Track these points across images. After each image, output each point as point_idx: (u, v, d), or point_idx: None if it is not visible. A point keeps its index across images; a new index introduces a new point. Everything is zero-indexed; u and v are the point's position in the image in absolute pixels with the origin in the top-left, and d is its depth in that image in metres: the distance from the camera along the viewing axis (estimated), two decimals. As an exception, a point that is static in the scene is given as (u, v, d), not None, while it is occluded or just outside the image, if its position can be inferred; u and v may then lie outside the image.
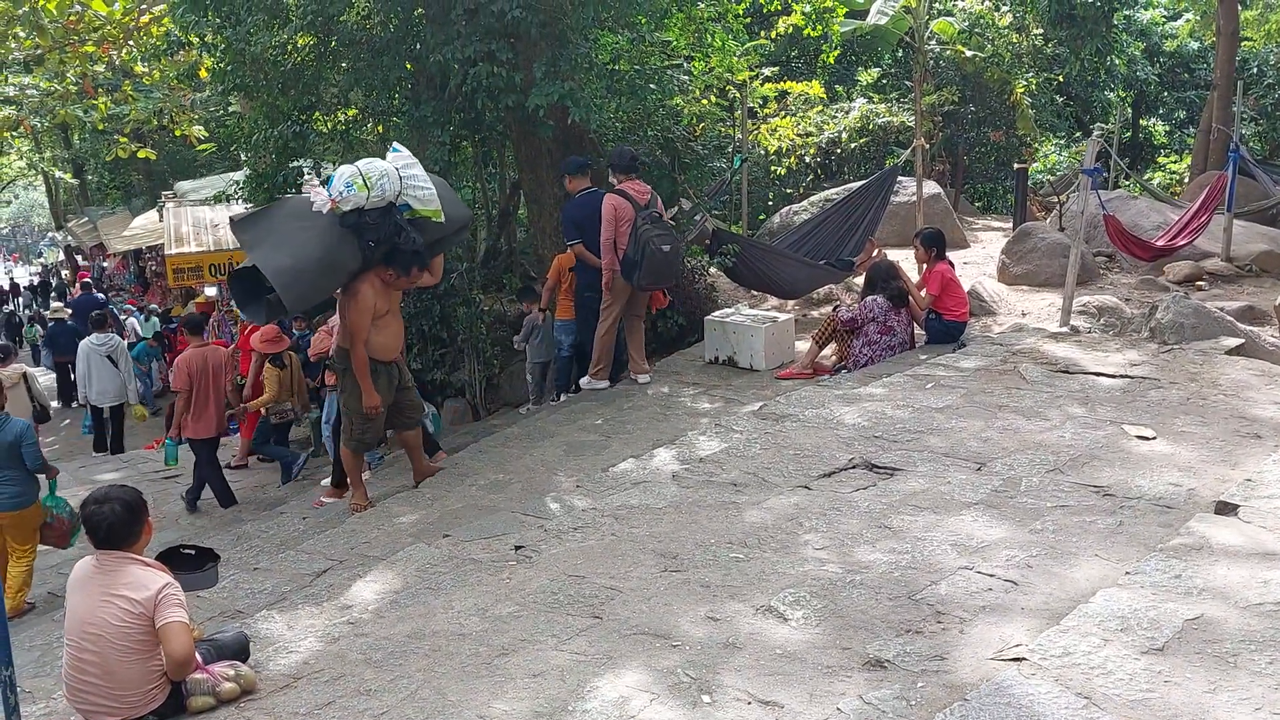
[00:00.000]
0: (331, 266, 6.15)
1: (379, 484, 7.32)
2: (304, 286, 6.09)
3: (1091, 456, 5.39)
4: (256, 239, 6.23)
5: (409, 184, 6.25)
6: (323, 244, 6.08)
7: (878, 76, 21.41)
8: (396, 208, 6.26)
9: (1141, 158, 26.26)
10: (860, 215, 11.23)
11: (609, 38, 9.83)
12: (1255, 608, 3.58)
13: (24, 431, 7.08)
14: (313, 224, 6.13)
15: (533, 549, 4.94)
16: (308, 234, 6.09)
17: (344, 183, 6.10)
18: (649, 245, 7.68)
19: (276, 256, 6.01)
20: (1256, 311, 8.99)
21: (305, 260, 6.02)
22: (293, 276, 5.97)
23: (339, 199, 6.09)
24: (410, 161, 6.38)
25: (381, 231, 6.17)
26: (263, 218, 6.44)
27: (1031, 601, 3.95)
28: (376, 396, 6.39)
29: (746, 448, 6.07)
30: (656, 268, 7.75)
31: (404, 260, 6.32)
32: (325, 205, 6.11)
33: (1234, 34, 17.58)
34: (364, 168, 6.17)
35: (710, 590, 4.31)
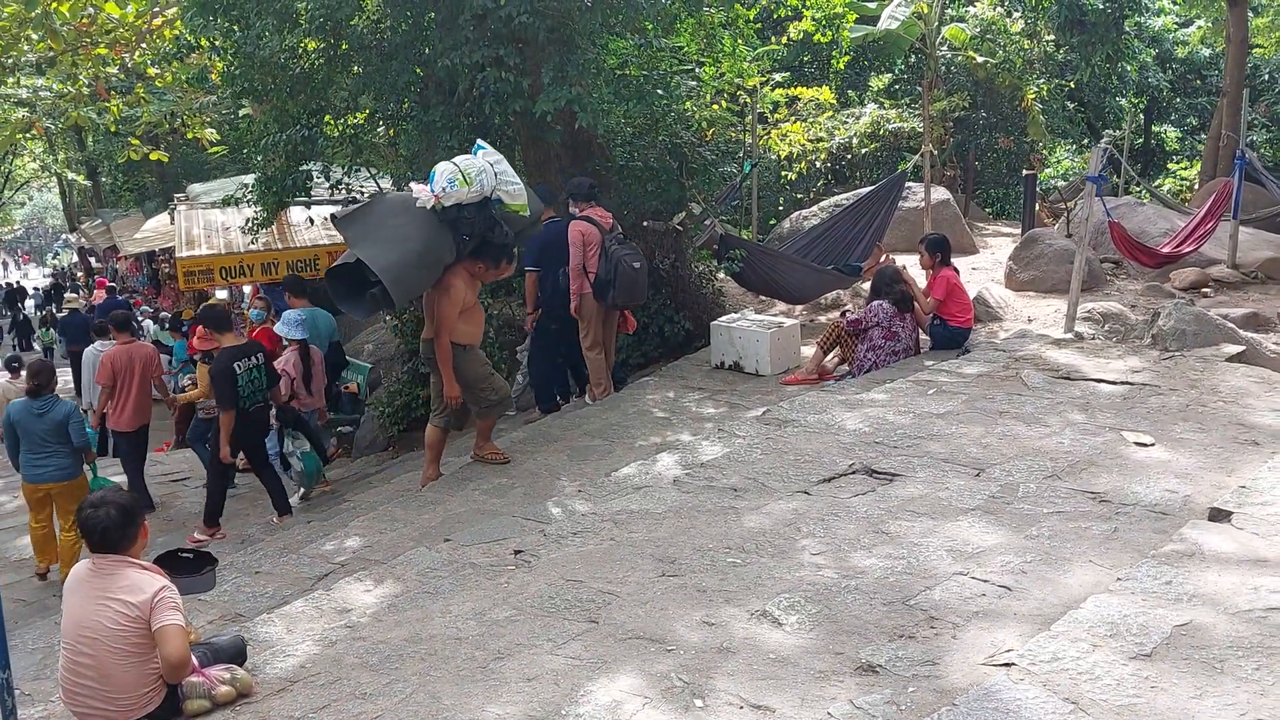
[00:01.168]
0: (431, 261, 6.36)
1: (380, 487, 7.37)
2: (409, 281, 6.31)
3: (1090, 463, 5.40)
4: (360, 235, 6.42)
5: (502, 179, 6.47)
6: (423, 239, 6.30)
7: (889, 82, 21.43)
8: (491, 202, 6.46)
9: (1153, 164, 26.20)
10: (868, 221, 11.26)
11: (617, 43, 9.88)
12: (1244, 614, 3.60)
13: (72, 411, 7.93)
14: (412, 219, 6.34)
15: (532, 553, 4.98)
16: (408, 229, 6.31)
17: (446, 179, 6.30)
18: (620, 264, 7.87)
19: (383, 252, 6.22)
20: (1261, 318, 8.98)
21: (409, 255, 6.23)
22: (399, 272, 6.18)
23: (442, 195, 6.29)
24: (499, 158, 6.59)
25: (477, 225, 6.40)
26: (365, 214, 6.61)
27: (1024, 607, 3.98)
28: (458, 387, 6.61)
29: (748, 453, 6.10)
30: (628, 285, 7.91)
31: (494, 253, 6.57)
32: (429, 201, 6.31)
33: (1244, 41, 17.55)
34: (462, 164, 6.38)
35: (706, 595, 4.34)
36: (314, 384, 8.91)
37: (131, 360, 9.14)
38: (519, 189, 6.57)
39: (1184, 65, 25.59)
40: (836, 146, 17.87)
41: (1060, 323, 8.74)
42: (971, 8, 21.45)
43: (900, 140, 17.93)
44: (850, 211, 11.57)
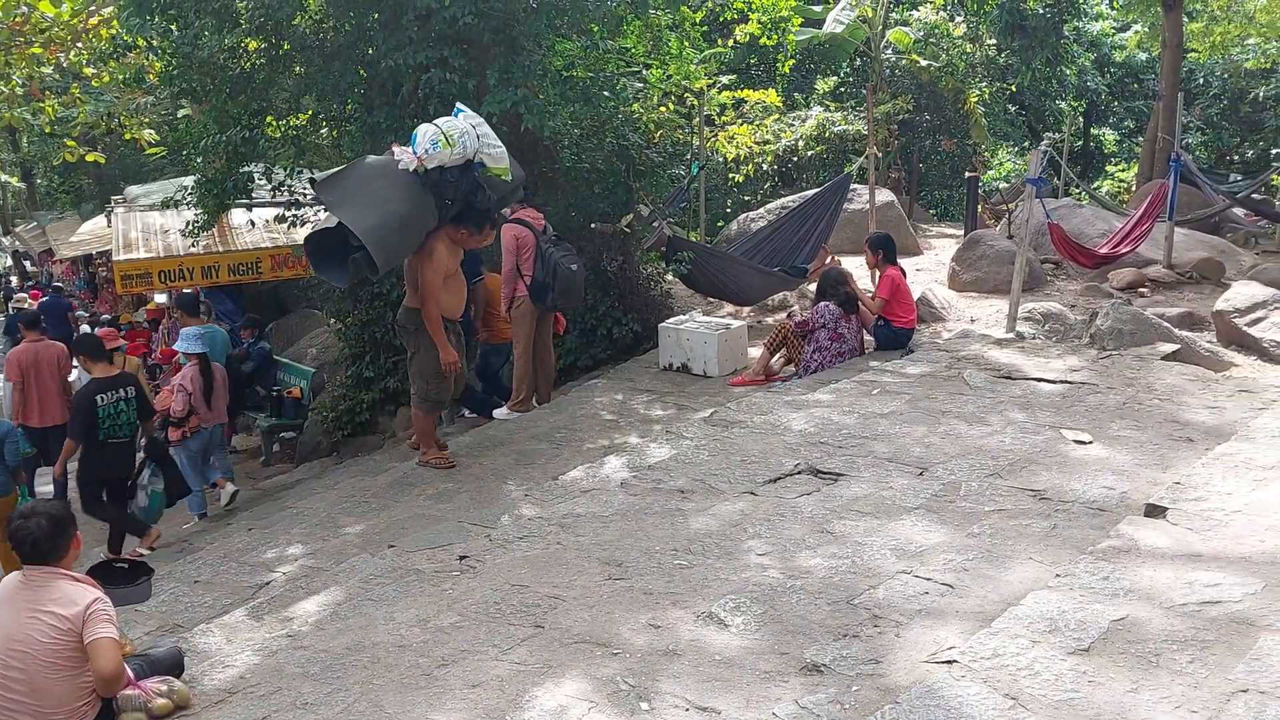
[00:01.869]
0: (414, 224, 6.24)
1: (323, 494, 7.28)
2: (392, 245, 6.18)
3: (1030, 461, 5.48)
4: (341, 199, 6.28)
5: (484, 142, 6.36)
6: (407, 202, 6.17)
7: (835, 85, 21.59)
8: (474, 165, 6.35)
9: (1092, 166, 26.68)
10: (814, 223, 11.32)
11: (563, 44, 9.86)
12: (1179, 608, 3.67)
13: (8, 431, 7.86)
14: (393, 182, 6.22)
15: (477, 559, 4.94)
16: (391, 192, 6.18)
17: (429, 140, 6.18)
18: (558, 266, 7.81)
19: (365, 216, 6.09)
20: (1195, 317, 9.18)
21: (391, 218, 6.11)
22: (383, 235, 6.06)
23: (425, 157, 6.17)
24: (480, 120, 6.49)
25: (460, 189, 6.28)
26: (345, 177, 6.47)
27: (966, 604, 4.02)
28: (454, 353, 6.51)
29: (696, 454, 6.11)
30: (567, 287, 7.87)
31: (477, 218, 6.46)
32: (412, 164, 6.19)
33: (1179, 46, 17.93)
34: (444, 126, 6.26)
35: (653, 598, 4.34)
36: (215, 399, 8.77)
37: (38, 359, 9.03)
38: (501, 152, 6.47)
39: (1121, 69, 26.08)
40: (783, 149, 17.98)
41: (1002, 323, 8.87)
42: (915, 12, 21.70)
43: (846, 143, 18.09)
44: (796, 214, 11.63)
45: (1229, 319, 8.66)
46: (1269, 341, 8.31)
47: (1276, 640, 3.40)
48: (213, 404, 8.73)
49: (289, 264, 13.51)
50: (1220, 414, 6.13)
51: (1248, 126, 24.25)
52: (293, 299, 16.19)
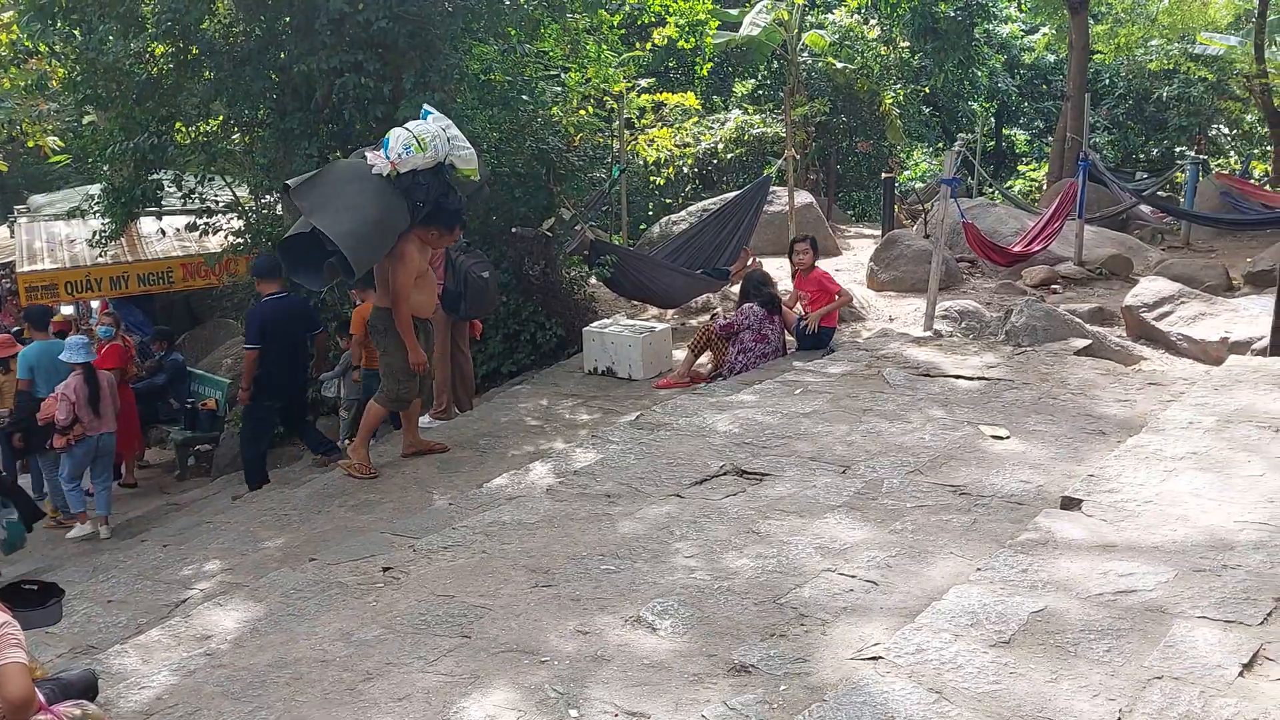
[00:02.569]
0: (388, 228, 6.24)
1: (242, 507, 7.12)
2: (367, 249, 6.18)
3: (949, 457, 5.57)
4: (316, 204, 6.24)
5: (454, 144, 6.37)
6: (380, 206, 6.18)
7: (753, 88, 21.79)
8: (444, 167, 6.36)
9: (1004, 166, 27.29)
10: (735, 225, 11.41)
11: (481, 48, 9.80)
12: (1095, 598, 3.75)
13: None
14: (365, 186, 6.23)
15: (402, 570, 4.87)
16: (364, 197, 6.19)
17: (402, 145, 6.18)
18: (469, 274, 7.86)
19: (340, 221, 6.08)
20: (1105, 313, 9.43)
21: (366, 223, 6.11)
22: (357, 240, 6.06)
23: (398, 161, 6.17)
24: (449, 123, 6.49)
25: (432, 191, 6.29)
26: (319, 182, 6.43)
27: (890, 601, 4.07)
28: (422, 353, 6.52)
29: (622, 458, 6.10)
30: (478, 295, 7.94)
31: (447, 219, 6.46)
32: (385, 169, 6.19)
33: (1085, 47, 18.39)
34: (416, 130, 6.26)
35: (580, 603, 4.32)
36: (103, 407, 8.56)
37: None
38: (470, 154, 6.49)
39: (1031, 71, 26.73)
40: (703, 152, 18.08)
41: (920, 321, 9.01)
42: (830, 15, 22.00)
43: (765, 145, 18.26)
44: (718, 216, 11.70)
45: (1138, 314, 8.91)
46: (1176, 335, 8.57)
47: (1188, 627, 3.50)
48: (100, 411, 8.51)
49: (202, 273, 13.19)
50: (1131, 407, 6.30)
51: (1152, 126, 25.00)
52: (206, 309, 15.81)
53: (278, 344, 7.81)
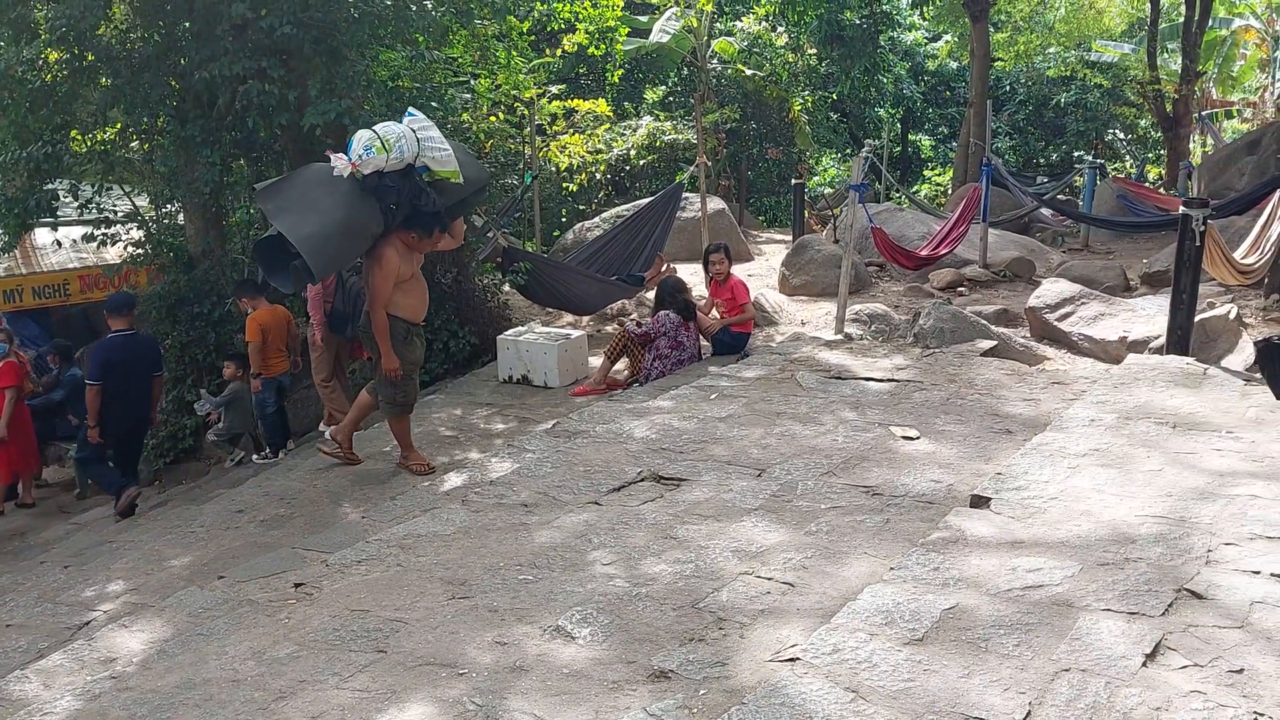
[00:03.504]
0: (355, 231, 6.10)
1: (146, 525, 6.93)
2: (330, 252, 6.05)
3: (862, 458, 5.65)
4: (280, 207, 6.12)
5: (426, 145, 6.21)
6: (346, 208, 6.04)
7: (664, 94, 21.91)
8: (415, 169, 6.22)
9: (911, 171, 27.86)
10: (649, 231, 11.46)
11: (388, 55, 9.69)
12: (1005, 594, 3.83)
13: None
14: (334, 189, 6.09)
15: (314, 585, 4.77)
16: (331, 199, 6.06)
17: (363, 146, 6.06)
18: (360, 297, 7.74)
19: (302, 223, 5.97)
20: (1010, 314, 9.67)
21: (330, 226, 5.98)
22: (319, 242, 5.93)
23: (359, 162, 6.04)
24: (426, 124, 6.35)
25: (402, 194, 6.14)
26: (285, 185, 6.31)
27: (806, 602, 4.10)
28: (395, 360, 6.38)
29: (538, 467, 6.07)
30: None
31: (425, 222, 6.32)
32: (346, 170, 6.06)
33: (986, 55, 18.87)
34: (381, 131, 6.13)
35: (498, 614, 4.27)
36: None
37: None
38: (446, 155, 6.31)
39: (935, 77, 27.34)
40: (615, 158, 18.12)
41: (831, 325, 9.14)
42: (739, 22, 22.23)
43: (676, 151, 18.37)
44: (631, 222, 11.74)
45: (1040, 315, 9.15)
46: (1077, 335, 8.82)
47: (1094, 620, 3.59)
48: None
49: (100, 285, 12.80)
50: (1036, 406, 6.46)
51: (1052, 131, 25.77)
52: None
53: (118, 382, 7.75)
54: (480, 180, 7.02)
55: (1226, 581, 3.82)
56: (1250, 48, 28.05)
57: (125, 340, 7.85)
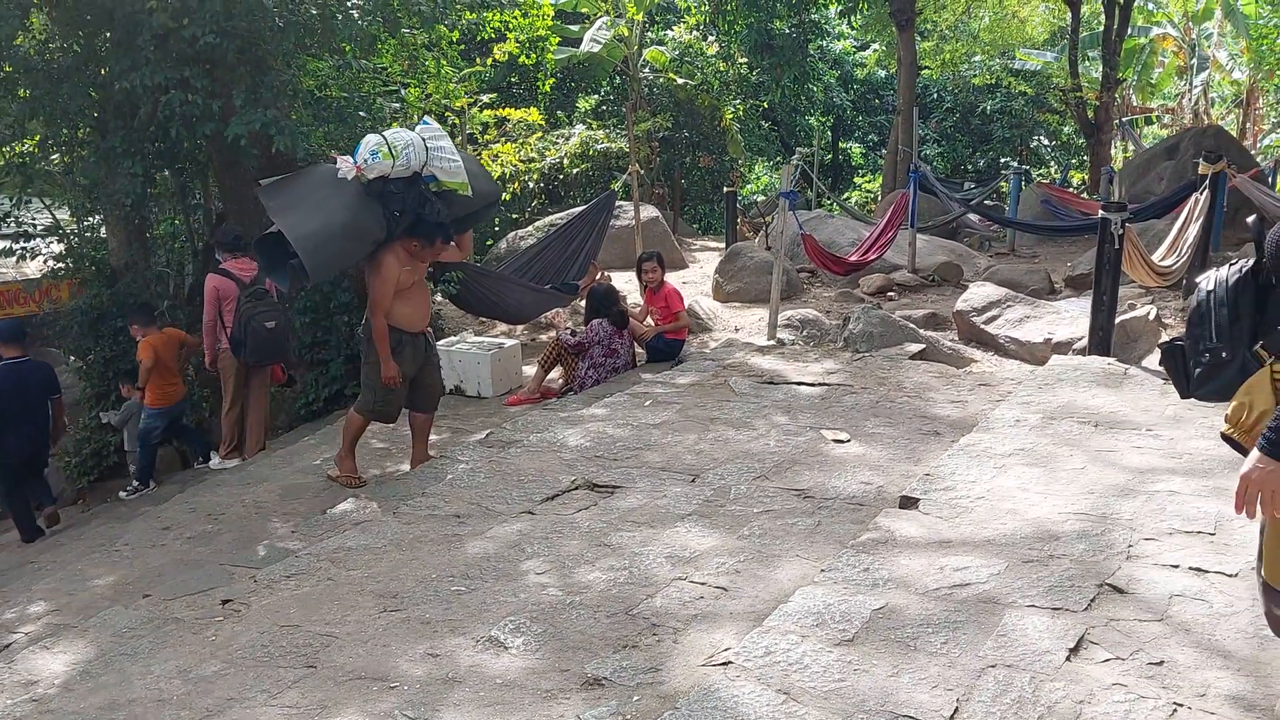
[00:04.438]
0: (355, 234, 6.01)
1: (69, 545, 6.76)
2: (327, 253, 5.95)
3: (794, 462, 5.70)
4: (283, 205, 6.03)
5: (435, 155, 6.16)
6: (348, 211, 5.96)
7: (596, 103, 21.94)
8: (422, 178, 6.16)
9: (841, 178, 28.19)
10: (582, 239, 11.41)
11: (315, 64, 9.57)
12: (933, 593, 3.89)
13: None
14: (339, 191, 6.02)
15: (242, 601, 4.70)
16: (334, 201, 5.98)
17: (369, 150, 5.98)
18: (251, 323, 7.82)
19: (303, 223, 5.89)
20: (938, 318, 9.82)
21: (330, 227, 5.89)
22: (317, 243, 5.85)
23: (364, 167, 5.96)
24: (438, 134, 6.28)
25: (406, 201, 6.07)
26: (290, 184, 6.22)
27: (739, 606, 4.13)
28: (394, 367, 6.29)
29: (471, 477, 6.03)
30: (260, 345, 7.88)
31: (428, 231, 6.22)
32: (350, 173, 5.99)
33: (913, 64, 19.18)
34: (390, 136, 6.06)
35: (430, 626, 4.24)
36: None
37: None
38: (456, 166, 6.25)
39: (864, 86, 27.72)
40: (548, 167, 18.10)
41: (764, 330, 9.21)
42: (670, 32, 22.35)
43: (610, 160, 18.41)
44: (564, 231, 11.68)
45: (968, 318, 9.31)
46: (1004, 337, 8.98)
47: (1019, 616, 3.66)
48: None
49: (20, 300, 12.47)
50: (963, 407, 6.57)
51: (978, 138, 26.25)
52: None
53: (12, 409, 7.71)
54: (491, 195, 6.95)
55: (1146, 576, 3.92)
56: (1168, 55, 28.92)
57: (14, 367, 7.83)
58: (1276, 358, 2.38)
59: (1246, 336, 2.45)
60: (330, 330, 9.13)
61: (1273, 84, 24.72)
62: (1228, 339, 2.43)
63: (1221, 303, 2.44)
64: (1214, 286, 2.47)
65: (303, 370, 9.34)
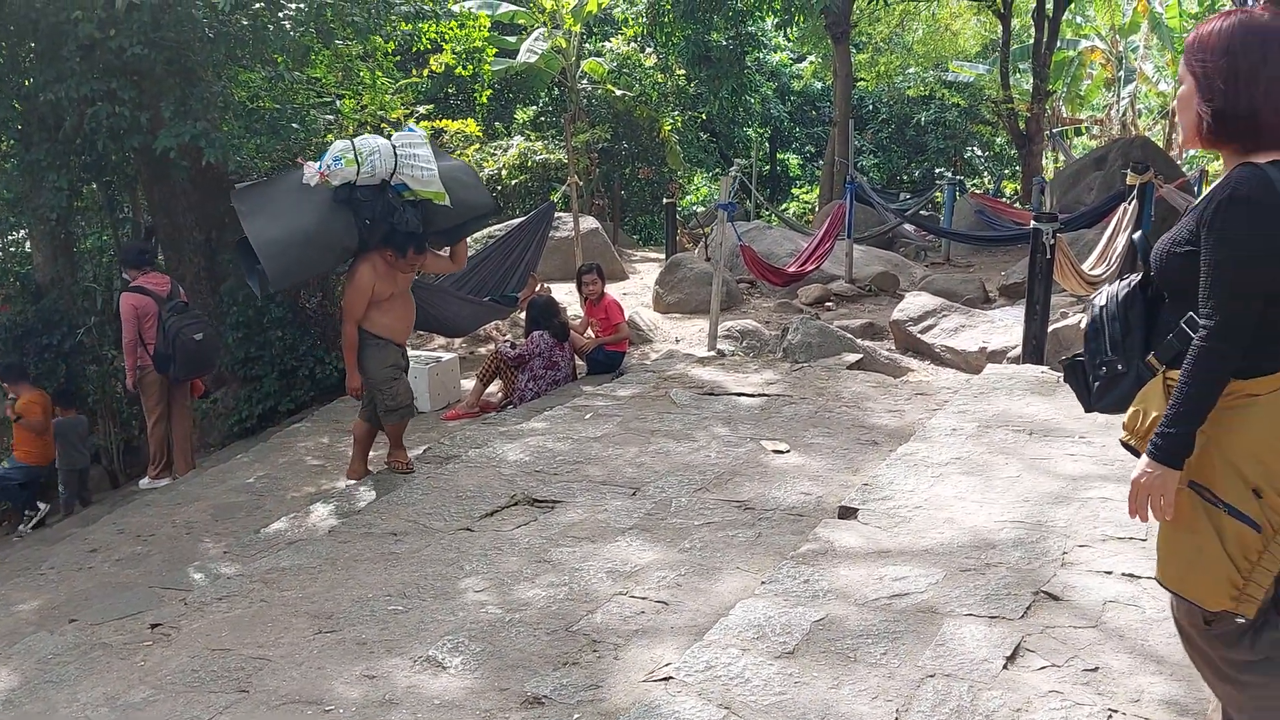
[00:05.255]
0: (322, 242, 5.91)
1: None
2: (289, 260, 5.84)
3: (734, 473, 5.70)
4: (253, 209, 5.93)
5: (406, 163, 5.98)
6: (316, 218, 5.87)
7: (534, 114, 21.88)
8: (391, 187, 6.00)
9: (780, 189, 28.40)
10: (521, 251, 11.35)
11: (247, 75, 9.43)
12: (872, 603, 3.90)
13: None
14: (309, 198, 5.91)
15: (172, 625, 4.58)
16: (303, 207, 5.88)
17: (333, 157, 5.85)
18: (179, 336, 7.70)
19: (268, 228, 5.80)
20: (875, 328, 9.91)
21: (295, 234, 5.80)
22: (280, 249, 5.76)
23: (327, 172, 5.82)
24: (415, 140, 6.12)
25: (375, 210, 5.94)
26: (262, 189, 6.15)
27: (680, 620, 4.10)
28: (359, 379, 6.24)
29: (409, 494, 5.94)
30: (190, 358, 7.78)
31: (400, 241, 6.09)
32: (314, 179, 5.85)
33: (848, 76, 19.41)
34: (357, 143, 5.94)
35: (366, 647, 4.16)
36: None
37: None
38: (430, 175, 6.07)
39: (801, 97, 27.98)
40: (486, 178, 17.98)
41: (704, 341, 9.23)
42: (608, 43, 22.38)
43: (549, 171, 18.35)
44: (503, 242, 11.60)
45: (904, 327, 9.40)
46: (939, 347, 9.09)
47: (957, 625, 3.68)
48: None
49: (-57, 317, 12.12)
50: (901, 416, 6.62)
51: (913, 149, 26.60)
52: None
53: None
54: (482, 206, 6.82)
55: (1081, 582, 3.96)
56: (1096, 68, 29.58)
57: None
58: (1168, 365, 2.45)
59: (1139, 348, 2.53)
60: (264, 346, 8.98)
61: (1197, 96, 25.31)
62: (1121, 351, 2.51)
63: (1113, 317, 2.52)
64: (1106, 302, 2.55)
65: (235, 386, 9.18)
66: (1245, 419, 2.34)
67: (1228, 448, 2.35)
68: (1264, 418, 2.33)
